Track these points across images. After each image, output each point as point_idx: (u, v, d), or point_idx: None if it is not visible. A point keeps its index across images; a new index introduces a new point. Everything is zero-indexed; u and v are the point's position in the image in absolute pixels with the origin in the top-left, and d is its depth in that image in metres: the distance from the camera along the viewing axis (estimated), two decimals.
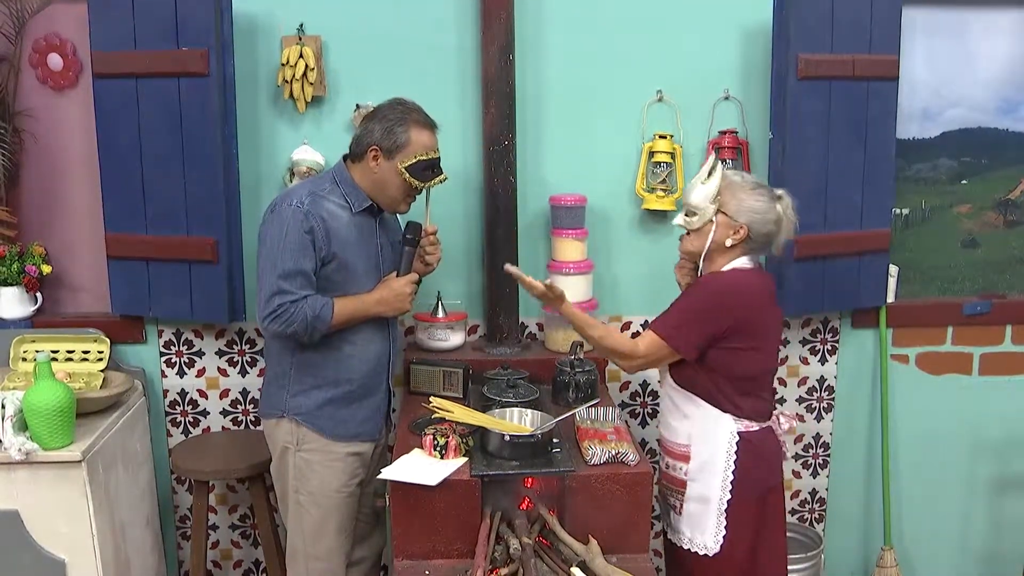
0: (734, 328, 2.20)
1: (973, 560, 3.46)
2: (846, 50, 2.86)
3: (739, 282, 2.25)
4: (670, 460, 2.37)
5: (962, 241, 3.34)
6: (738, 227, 2.22)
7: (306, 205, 2.31)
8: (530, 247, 3.07)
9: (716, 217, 2.23)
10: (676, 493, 2.34)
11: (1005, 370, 3.31)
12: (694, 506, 2.30)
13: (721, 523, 2.26)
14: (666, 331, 2.22)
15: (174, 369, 3.11)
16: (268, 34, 2.92)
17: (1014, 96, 3.22)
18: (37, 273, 2.96)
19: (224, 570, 3.31)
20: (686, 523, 2.32)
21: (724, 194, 2.24)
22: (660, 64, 3.01)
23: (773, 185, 2.89)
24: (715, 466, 2.26)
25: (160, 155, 2.80)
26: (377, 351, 2.48)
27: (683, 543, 2.32)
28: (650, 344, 2.23)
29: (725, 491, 2.26)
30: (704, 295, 2.25)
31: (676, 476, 2.34)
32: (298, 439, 2.44)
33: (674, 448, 2.35)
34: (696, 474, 2.29)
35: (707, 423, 2.27)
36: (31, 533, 2.47)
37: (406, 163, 2.36)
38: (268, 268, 2.31)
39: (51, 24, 2.98)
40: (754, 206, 2.22)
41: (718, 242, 2.24)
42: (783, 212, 2.26)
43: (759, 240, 2.25)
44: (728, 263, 2.27)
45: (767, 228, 2.24)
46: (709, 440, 2.27)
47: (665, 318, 2.25)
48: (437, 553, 2.25)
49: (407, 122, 2.35)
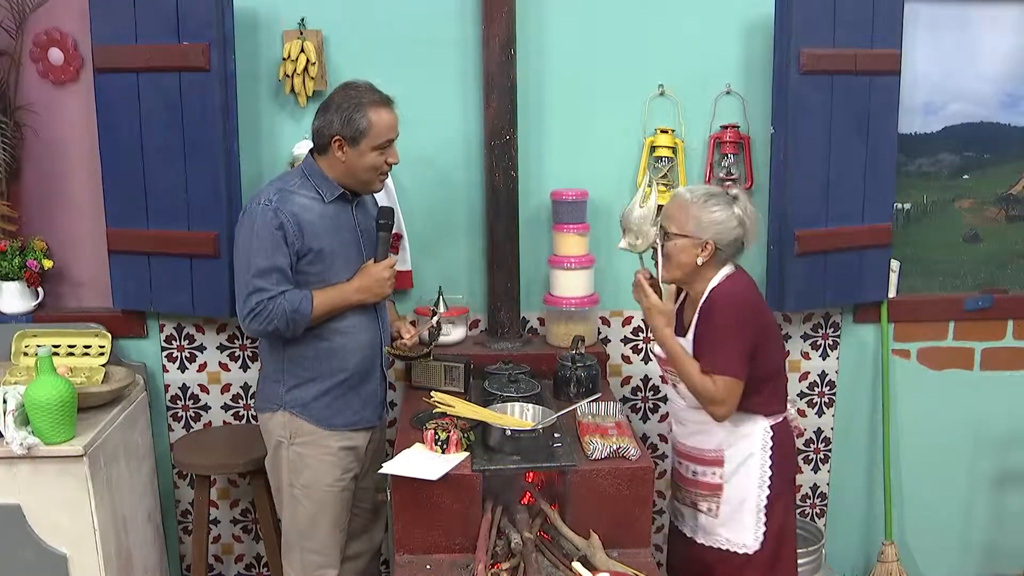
0: (760, 334, 2.22)
1: (974, 554, 3.46)
2: (848, 44, 2.86)
3: (743, 290, 2.25)
4: (699, 467, 2.35)
5: (964, 236, 3.33)
6: (703, 243, 2.22)
7: (274, 202, 2.31)
8: (531, 242, 3.07)
9: (677, 241, 2.23)
10: (710, 498, 2.33)
11: (1006, 365, 3.31)
12: (732, 507, 2.29)
13: (760, 519, 2.27)
14: (732, 369, 2.17)
15: (175, 364, 3.12)
16: (269, 28, 2.91)
17: (1016, 90, 3.22)
18: (38, 268, 2.96)
19: (225, 564, 3.31)
20: (724, 525, 2.31)
21: (679, 215, 2.23)
22: (662, 58, 3.01)
23: (774, 181, 2.91)
24: (751, 465, 2.27)
25: (161, 149, 2.80)
26: (368, 339, 2.47)
27: (720, 544, 2.31)
28: (728, 388, 2.18)
29: (763, 487, 2.27)
30: (730, 319, 2.20)
31: (709, 481, 2.33)
32: (291, 433, 2.44)
33: (705, 455, 2.33)
34: (731, 476, 2.29)
35: (741, 426, 2.27)
36: (33, 527, 2.47)
37: (372, 145, 2.34)
38: (243, 268, 2.32)
39: (52, 18, 2.97)
40: (713, 218, 2.21)
41: (689, 263, 2.24)
42: (743, 213, 2.24)
43: (729, 249, 2.25)
44: (714, 276, 2.26)
45: (733, 235, 2.23)
46: (744, 441, 2.28)
47: (717, 358, 2.19)
48: (438, 547, 2.26)
49: (363, 106, 2.33)
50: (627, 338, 3.21)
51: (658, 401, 3.26)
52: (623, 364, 3.22)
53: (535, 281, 3.12)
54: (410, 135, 2.84)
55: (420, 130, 2.92)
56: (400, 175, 2.96)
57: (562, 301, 2.97)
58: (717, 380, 2.18)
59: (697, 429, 2.34)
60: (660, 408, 3.26)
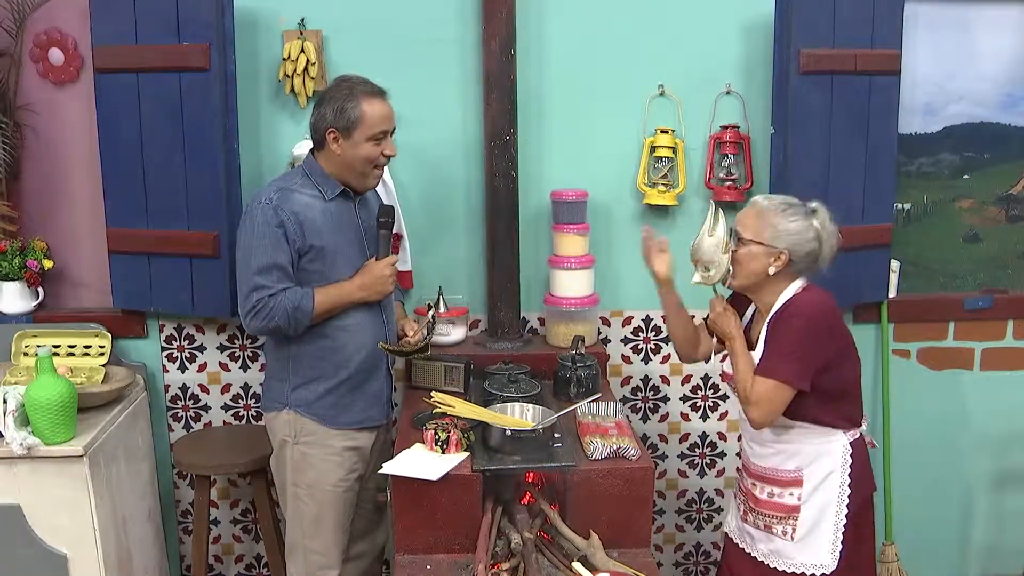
0: (834, 349, 2.15)
1: (974, 555, 3.46)
2: (848, 44, 2.86)
3: (821, 302, 2.17)
4: (776, 489, 2.26)
5: (964, 236, 3.33)
6: (777, 253, 2.15)
7: (275, 201, 2.31)
8: (531, 242, 3.07)
9: (751, 247, 2.17)
10: (787, 520, 2.24)
11: (1006, 365, 3.31)
12: (807, 528, 2.22)
13: (838, 538, 2.20)
14: (780, 373, 2.11)
15: (175, 364, 3.12)
16: (269, 29, 2.91)
17: (1016, 91, 3.22)
18: (38, 268, 2.96)
19: (225, 564, 3.31)
20: (800, 550, 2.22)
21: (755, 222, 2.18)
22: (662, 58, 3.01)
23: (774, 181, 2.91)
24: (831, 483, 2.20)
25: (161, 150, 2.80)
26: (372, 337, 2.47)
27: (795, 569, 2.23)
28: (767, 390, 2.12)
29: (842, 506, 2.20)
30: (804, 328, 2.13)
31: (787, 503, 2.24)
32: (296, 432, 2.44)
33: (782, 476, 2.25)
34: (810, 496, 2.22)
35: (820, 444, 2.21)
36: (33, 527, 2.47)
37: (367, 136, 2.34)
38: (244, 266, 2.33)
39: (52, 19, 2.98)
40: (790, 228, 2.15)
41: (760, 272, 2.18)
42: (821, 227, 2.18)
43: (803, 262, 2.18)
44: (784, 290, 2.20)
45: (808, 247, 2.16)
46: (823, 459, 2.21)
47: (773, 363, 2.13)
48: (438, 547, 2.25)
49: (355, 96, 2.33)
50: (627, 338, 3.21)
51: (658, 401, 3.25)
52: (623, 364, 3.22)
53: (535, 281, 3.12)
54: (410, 135, 2.85)
55: (420, 130, 2.93)
56: (400, 175, 2.96)
57: (562, 301, 2.97)
58: (757, 380, 2.13)
59: (776, 450, 2.26)
60: (660, 408, 3.26)
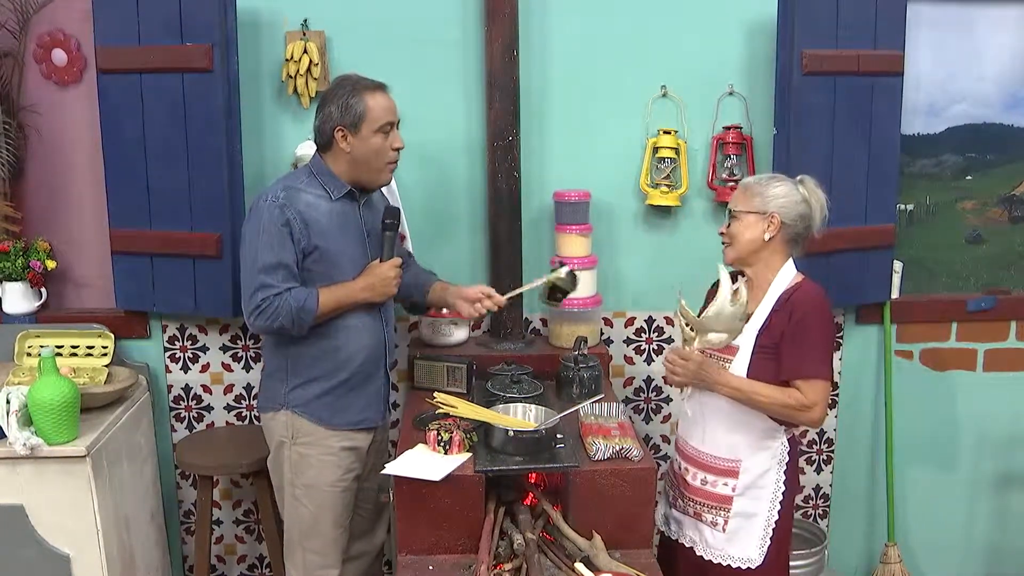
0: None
1: (977, 556, 3.45)
2: (851, 45, 2.86)
3: (824, 295, 2.25)
4: (711, 476, 2.29)
5: (967, 237, 3.33)
6: (768, 216, 2.22)
7: (281, 199, 2.31)
8: (534, 243, 3.07)
9: (744, 218, 2.25)
10: (718, 510, 2.27)
11: (1009, 366, 3.31)
12: (740, 521, 2.25)
13: (768, 534, 2.23)
14: (825, 373, 2.17)
15: (178, 364, 3.12)
16: (272, 29, 2.92)
17: (1020, 91, 3.21)
18: (41, 268, 2.96)
19: (228, 565, 3.32)
20: (730, 542, 2.26)
21: (744, 196, 2.27)
22: (664, 59, 3.01)
23: None
24: (767, 479, 2.24)
25: (164, 150, 2.80)
26: (372, 339, 2.47)
27: (723, 561, 2.26)
28: (820, 390, 2.16)
29: (775, 502, 2.23)
30: (824, 322, 2.21)
31: (719, 493, 2.27)
32: (294, 432, 2.44)
33: (718, 464, 2.28)
34: (745, 489, 2.24)
35: (764, 437, 2.24)
36: (36, 528, 2.47)
37: (374, 129, 2.34)
38: (249, 265, 2.32)
39: (55, 19, 2.98)
40: (776, 192, 2.23)
41: (756, 239, 2.24)
42: (808, 192, 2.26)
43: (795, 225, 2.24)
44: (780, 267, 2.26)
45: (798, 210, 2.23)
46: (762, 455, 2.24)
47: (816, 364, 2.17)
48: (441, 548, 2.25)
49: (358, 92, 2.34)
50: (630, 339, 3.20)
51: (660, 402, 3.25)
52: (626, 365, 3.22)
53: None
54: (413, 136, 2.84)
55: (423, 131, 2.93)
56: (403, 176, 2.96)
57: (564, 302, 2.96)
58: (804, 385, 2.15)
59: (714, 436, 2.27)
60: (663, 409, 3.26)
